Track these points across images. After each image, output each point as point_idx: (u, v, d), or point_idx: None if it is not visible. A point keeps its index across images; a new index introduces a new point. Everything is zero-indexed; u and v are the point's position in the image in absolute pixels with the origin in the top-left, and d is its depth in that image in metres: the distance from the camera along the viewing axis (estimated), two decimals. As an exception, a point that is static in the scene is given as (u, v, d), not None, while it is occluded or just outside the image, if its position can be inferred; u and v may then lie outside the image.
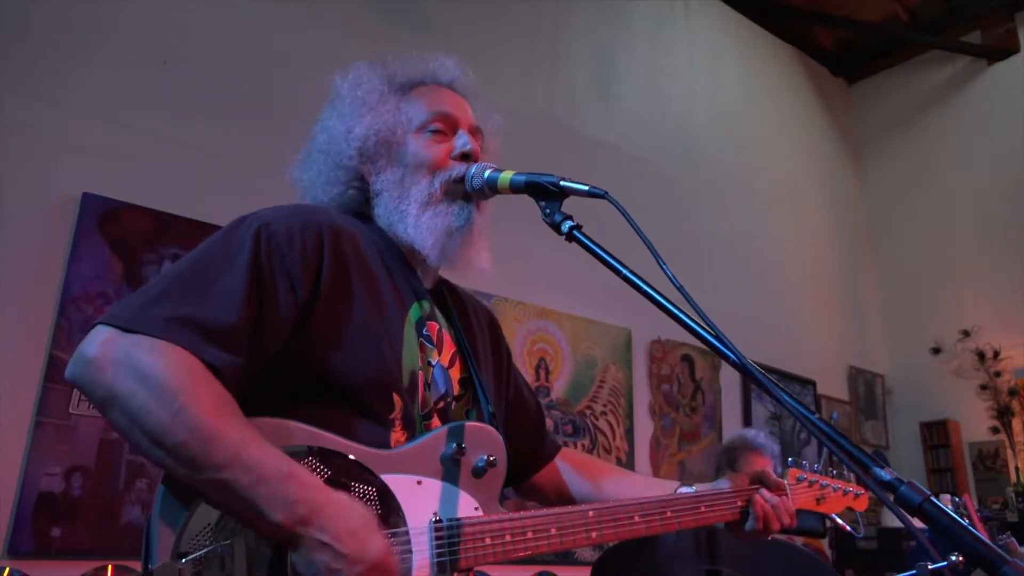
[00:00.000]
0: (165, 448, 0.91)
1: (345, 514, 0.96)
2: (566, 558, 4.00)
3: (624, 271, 1.04)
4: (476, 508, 1.14)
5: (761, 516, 1.37)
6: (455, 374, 1.27)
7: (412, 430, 1.14)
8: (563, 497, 1.49)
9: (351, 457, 1.04)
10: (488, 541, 1.11)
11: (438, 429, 1.15)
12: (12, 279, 2.76)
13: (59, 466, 2.68)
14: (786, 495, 1.44)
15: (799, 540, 5.17)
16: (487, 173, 1.23)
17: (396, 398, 1.13)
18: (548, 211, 1.14)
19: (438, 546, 1.08)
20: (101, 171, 3.02)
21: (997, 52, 6.64)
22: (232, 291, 1.01)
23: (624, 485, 1.44)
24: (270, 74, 3.55)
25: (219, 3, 3.54)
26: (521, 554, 1.14)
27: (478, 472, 1.16)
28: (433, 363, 1.23)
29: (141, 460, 2.81)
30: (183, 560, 0.90)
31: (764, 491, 1.40)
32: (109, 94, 3.14)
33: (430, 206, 1.24)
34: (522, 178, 1.18)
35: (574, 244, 1.11)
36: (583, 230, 1.11)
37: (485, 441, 1.18)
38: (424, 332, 1.23)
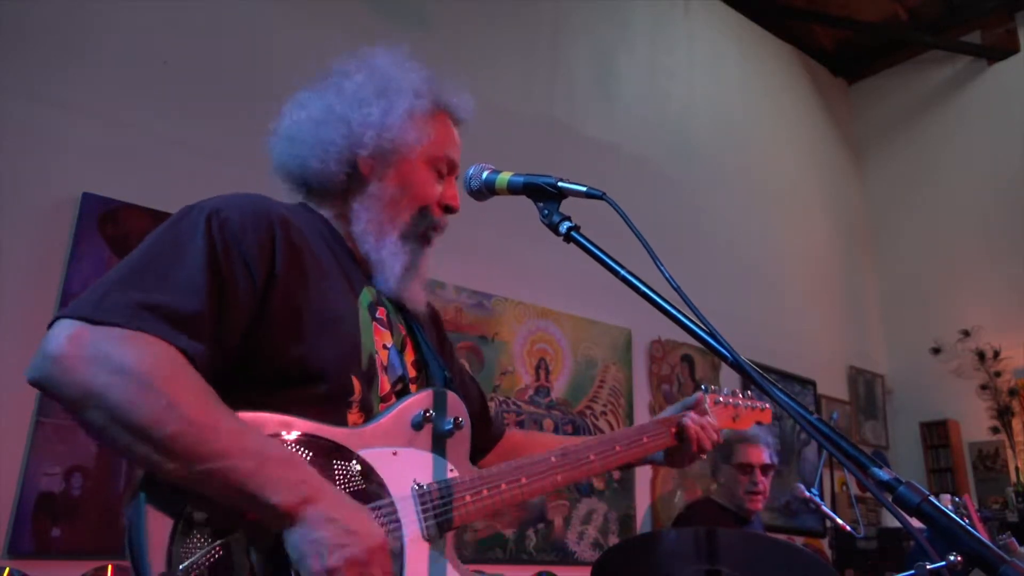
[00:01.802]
0: (154, 441, 0.89)
1: (347, 499, 0.98)
2: (566, 558, 4.00)
3: (622, 272, 1.04)
4: (451, 470, 1.18)
5: (694, 437, 1.57)
6: (408, 357, 1.28)
7: (369, 412, 1.15)
8: None
9: (327, 438, 1.05)
10: (468, 499, 1.16)
11: (404, 400, 1.18)
12: (12, 279, 2.76)
13: (59, 466, 2.68)
14: (708, 415, 1.65)
15: (799, 540, 5.17)
16: (485, 175, 1.24)
17: (355, 381, 1.13)
18: (546, 212, 1.15)
19: (424, 511, 1.11)
20: (101, 171, 3.02)
21: (997, 52, 6.63)
22: (192, 279, 1.00)
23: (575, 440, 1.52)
24: (270, 74, 3.54)
25: (219, 3, 3.54)
26: (499, 506, 1.20)
27: (447, 435, 1.20)
28: (388, 346, 1.24)
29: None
30: (180, 567, 0.87)
31: (691, 414, 1.60)
32: (109, 94, 3.14)
33: (408, 242, 1.26)
34: (520, 179, 1.19)
35: (573, 244, 1.11)
36: (581, 231, 1.11)
37: (449, 405, 1.22)
38: (376, 315, 1.24)
